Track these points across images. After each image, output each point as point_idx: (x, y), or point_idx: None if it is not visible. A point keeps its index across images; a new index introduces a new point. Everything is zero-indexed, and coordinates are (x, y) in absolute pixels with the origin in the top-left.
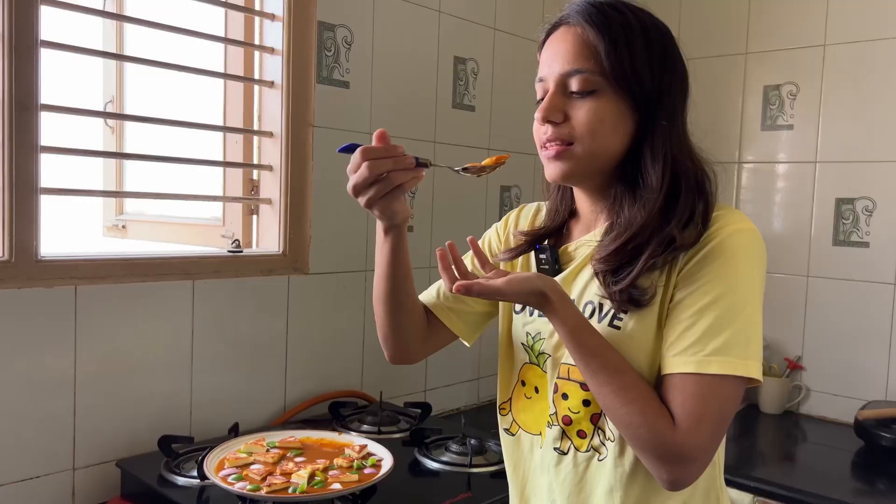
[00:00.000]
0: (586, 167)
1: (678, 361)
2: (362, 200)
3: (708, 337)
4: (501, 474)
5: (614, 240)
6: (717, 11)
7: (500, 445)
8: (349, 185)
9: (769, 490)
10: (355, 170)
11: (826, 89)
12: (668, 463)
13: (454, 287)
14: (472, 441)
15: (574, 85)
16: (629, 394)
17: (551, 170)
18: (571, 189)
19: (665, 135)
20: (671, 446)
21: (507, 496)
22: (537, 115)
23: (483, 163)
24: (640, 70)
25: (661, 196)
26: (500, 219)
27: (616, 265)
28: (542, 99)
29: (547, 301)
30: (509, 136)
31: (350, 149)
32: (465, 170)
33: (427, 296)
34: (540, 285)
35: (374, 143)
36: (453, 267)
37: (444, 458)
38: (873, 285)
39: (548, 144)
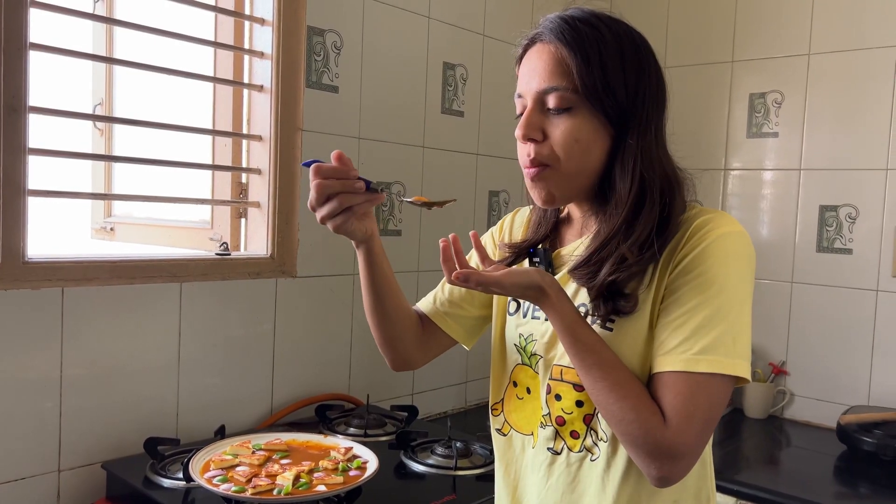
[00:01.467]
0: (566, 188)
1: (667, 360)
2: (317, 217)
3: (696, 336)
4: (486, 477)
5: (584, 252)
6: (704, 20)
7: (485, 448)
8: (307, 202)
9: (752, 493)
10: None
11: (810, 98)
12: (657, 459)
13: (453, 275)
14: (458, 444)
15: (550, 102)
16: (622, 390)
17: (535, 194)
18: None
19: (635, 152)
20: (661, 443)
21: (493, 498)
22: (517, 132)
23: (431, 199)
24: (614, 86)
25: (623, 213)
26: (487, 223)
27: (585, 277)
28: (521, 115)
29: (544, 295)
30: (497, 141)
31: (311, 164)
32: (414, 203)
33: (424, 303)
34: (538, 280)
35: (332, 163)
36: (454, 260)
37: (430, 461)
38: (856, 292)
39: (529, 165)
